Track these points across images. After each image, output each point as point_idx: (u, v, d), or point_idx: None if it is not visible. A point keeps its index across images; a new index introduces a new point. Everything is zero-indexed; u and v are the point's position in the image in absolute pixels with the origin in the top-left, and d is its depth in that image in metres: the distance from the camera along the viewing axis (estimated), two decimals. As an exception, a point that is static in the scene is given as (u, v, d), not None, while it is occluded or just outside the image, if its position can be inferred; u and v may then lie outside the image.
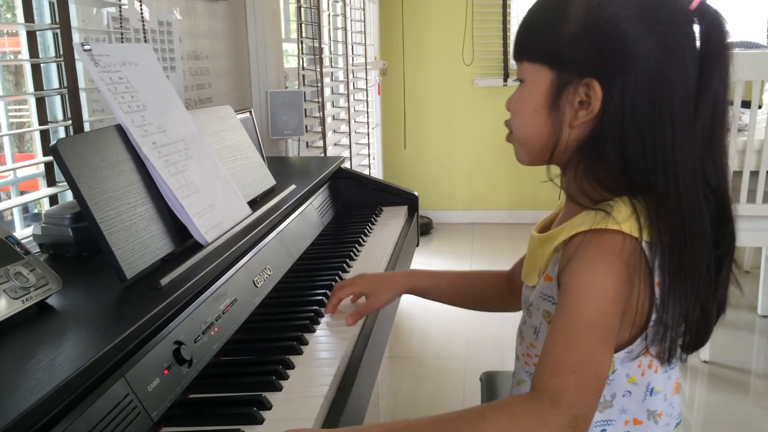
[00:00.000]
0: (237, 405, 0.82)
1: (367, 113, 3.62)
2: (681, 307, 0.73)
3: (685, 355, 0.79)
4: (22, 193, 1.30)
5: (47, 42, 1.29)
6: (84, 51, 1.00)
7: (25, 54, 1.24)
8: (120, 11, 1.39)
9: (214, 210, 1.10)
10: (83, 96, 1.30)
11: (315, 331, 1.05)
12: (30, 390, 0.62)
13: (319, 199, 1.61)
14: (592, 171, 0.77)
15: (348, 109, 3.16)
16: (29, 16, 1.23)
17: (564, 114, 0.77)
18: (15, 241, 0.82)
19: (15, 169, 1.27)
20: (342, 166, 1.83)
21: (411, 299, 1.14)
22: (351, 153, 3.12)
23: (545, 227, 0.87)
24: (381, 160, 4.38)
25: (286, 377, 0.89)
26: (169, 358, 0.81)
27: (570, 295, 0.72)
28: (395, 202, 1.82)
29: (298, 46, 2.40)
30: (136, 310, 0.80)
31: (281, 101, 2.06)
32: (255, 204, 1.27)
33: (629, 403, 0.79)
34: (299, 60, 2.40)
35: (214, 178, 1.15)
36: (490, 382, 1.28)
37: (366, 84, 3.74)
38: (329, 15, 2.94)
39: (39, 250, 1.03)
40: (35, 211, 1.42)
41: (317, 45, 2.49)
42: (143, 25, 1.46)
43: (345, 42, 3.18)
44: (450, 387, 2.43)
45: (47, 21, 1.29)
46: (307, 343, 1.00)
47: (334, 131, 3.06)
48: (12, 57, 1.49)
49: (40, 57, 1.26)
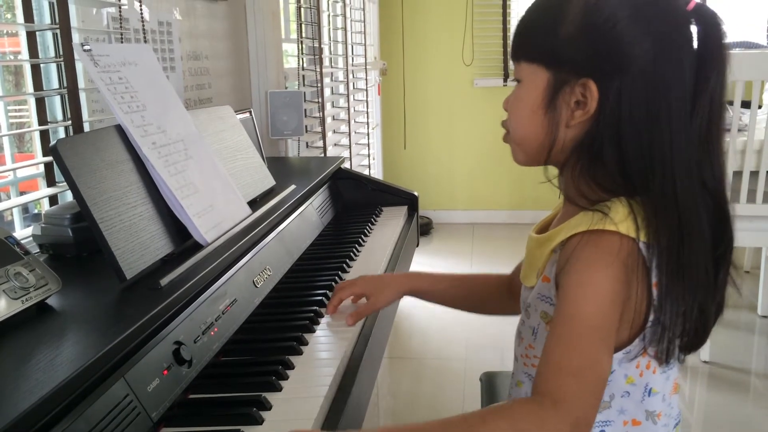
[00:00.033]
0: (237, 405, 0.81)
1: (367, 113, 3.62)
2: (679, 308, 0.73)
3: (683, 356, 0.79)
4: (21, 194, 1.30)
5: (47, 42, 1.29)
6: (84, 51, 1.00)
7: (25, 54, 1.24)
8: (120, 11, 1.39)
9: (213, 210, 1.10)
10: (83, 96, 1.30)
11: (315, 332, 1.05)
12: (30, 390, 0.62)
13: (319, 200, 1.61)
14: (589, 171, 0.77)
15: (348, 110, 3.16)
16: (29, 16, 1.23)
17: (560, 114, 0.77)
18: (15, 242, 0.82)
19: (15, 170, 1.27)
20: (342, 166, 1.83)
21: (411, 299, 1.14)
22: (351, 153, 3.12)
23: (543, 228, 0.87)
24: (381, 160, 4.38)
25: (285, 377, 0.89)
26: (169, 358, 0.81)
27: (568, 297, 0.72)
28: (395, 202, 1.82)
29: (297, 46, 2.40)
30: (135, 310, 0.80)
31: (281, 101, 2.06)
32: (255, 204, 1.27)
33: (628, 404, 0.78)
34: (299, 60, 2.40)
35: (213, 178, 1.15)
36: (490, 382, 1.28)
37: (366, 84, 3.74)
38: (329, 15, 2.94)
39: (39, 250, 1.03)
40: (35, 212, 1.42)
41: (317, 45, 2.49)
42: (143, 26, 1.46)
43: (345, 42, 3.18)
44: (450, 387, 2.43)
45: (47, 21, 1.29)
46: (307, 344, 1.00)
47: (333, 131, 3.06)
48: (12, 57, 1.49)
49: (39, 57, 1.26)
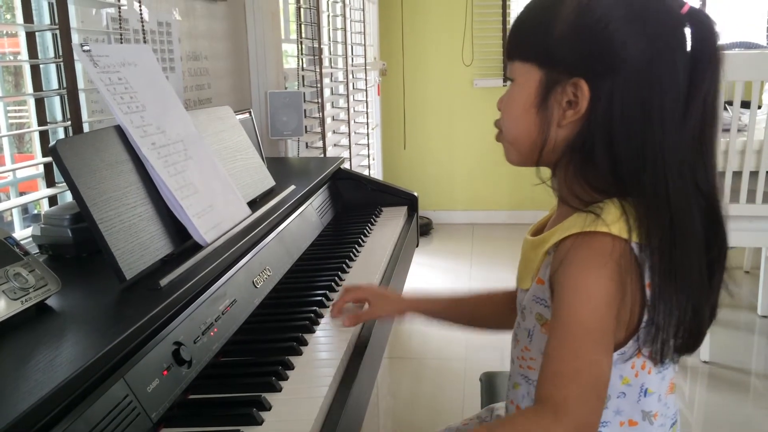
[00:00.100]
0: (236, 406, 0.81)
1: (367, 114, 3.62)
2: (672, 308, 0.73)
3: (678, 357, 0.78)
4: (21, 194, 1.30)
5: (46, 43, 1.29)
6: (83, 52, 1.00)
7: (25, 55, 1.24)
8: (119, 12, 1.39)
9: (213, 210, 1.10)
10: (82, 97, 1.30)
11: (314, 332, 1.05)
12: (29, 391, 0.62)
13: (319, 200, 1.61)
14: (581, 172, 0.77)
15: (348, 110, 3.16)
16: (28, 16, 1.23)
17: (552, 113, 0.77)
18: (14, 242, 0.82)
19: (14, 170, 1.27)
20: (342, 166, 1.83)
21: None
22: (351, 153, 3.12)
23: (539, 230, 0.87)
24: (381, 160, 4.38)
25: (285, 378, 0.89)
26: (169, 358, 0.81)
27: (563, 302, 0.73)
28: (395, 202, 1.82)
29: (297, 46, 2.40)
30: (135, 310, 0.80)
31: (281, 102, 2.06)
32: (254, 204, 1.27)
33: (624, 405, 0.79)
34: (299, 60, 2.40)
35: (213, 178, 1.15)
36: (489, 382, 1.28)
37: (366, 84, 3.74)
38: (329, 15, 2.94)
39: (38, 250, 1.03)
40: (34, 212, 1.42)
41: (317, 45, 2.49)
42: (142, 26, 1.46)
43: (344, 42, 3.18)
44: (450, 387, 2.43)
45: (46, 22, 1.29)
46: (307, 344, 1.00)
47: (333, 132, 3.06)
48: (11, 58, 1.49)
49: (39, 58, 1.26)
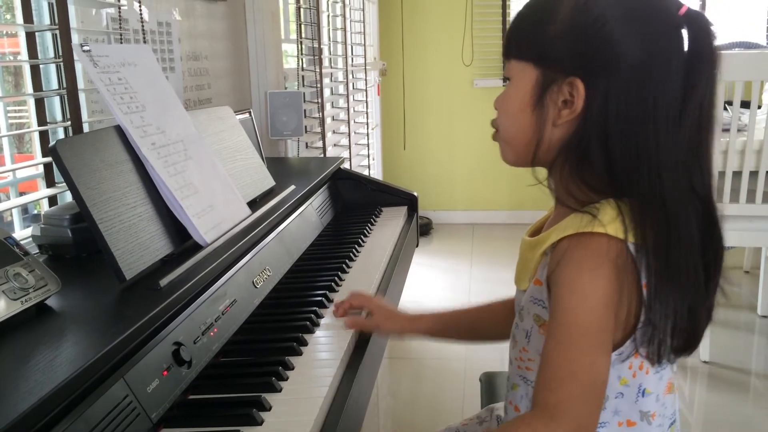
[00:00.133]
0: (236, 406, 0.81)
1: (367, 114, 3.62)
2: (668, 308, 0.73)
3: (675, 357, 0.78)
4: (21, 194, 1.30)
5: (46, 43, 1.29)
6: (83, 52, 1.00)
7: (25, 55, 1.24)
8: (119, 12, 1.39)
9: (213, 211, 1.10)
10: (82, 97, 1.30)
11: (314, 332, 1.05)
12: (29, 391, 0.62)
13: (319, 200, 1.61)
14: (577, 172, 0.77)
15: (347, 110, 3.16)
16: (28, 17, 1.23)
17: (547, 112, 0.77)
18: (14, 242, 0.82)
19: (14, 170, 1.27)
20: (341, 166, 1.83)
21: (410, 298, 1.14)
22: (350, 154, 3.12)
23: (537, 230, 0.87)
24: (380, 160, 4.38)
25: (285, 378, 0.89)
26: (169, 359, 0.81)
27: (560, 303, 0.73)
28: (395, 202, 1.82)
29: (297, 46, 2.40)
30: (135, 311, 0.80)
31: (281, 102, 2.06)
32: (254, 205, 1.27)
33: (622, 405, 0.79)
34: (299, 61, 2.40)
35: (213, 178, 1.15)
36: (489, 382, 1.28)
37: (365, 84, 3.74)
38: (328, 15, 2.94)
39: (38, 251, 1.03)
40: (34, 212, 1.42)
41: (317, 46, 2.49)
42: (142, 26, 1.46)
43: (344, 43, 3.18)
44: (450, 387, 2.43)
45: (46, 22, 1.29)
46: (307, 344, 1.00)
47: (333, 132, 3.06)
48: (11, 58, 1.49)
49: (39, 58, 1.26)
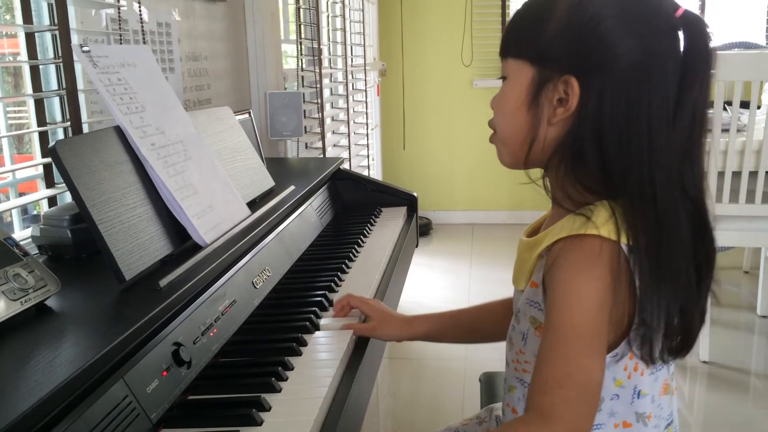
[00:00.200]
0: (236, 406, 0.81)
1: (366, 114, 3.63)
2: (660, 309, 0.73)
3: (671, 358, 0.79)
4: (21, 195, 1.30)
5: (46, 43, 1.29)
6: (83, 52, 1.00)
7: (24, 55, 1.24)
8: (119, 12, 1.39)
9: (213, 211, 1.10)
10: (82, 97, 1.30)
11: (314, 333, 1.05)
12: (29, 391, 0.62)
13: (318, 200, 1.61)
14: (573, 172, 0.77)
15: (347, 110, 3.16)
16: (28, 17, 1.23)
17: (542, 110, 0.77)
18: (14, 243, 0.82)
19: (14, 171, 1.27)
20: (341, 167, 1.83)
21: (410, 298, 1.14)
22: (350, 154, 3.12)
23: (535, 230, 0.87)
24: (380, 160, 4.38)
25: (285, 378, 0.89)
26: (168, 359, 0.81)
27: (554, 306, 0.73)
28: (394, 202, 1.82)
29: (297, 47, 2.40)
30: (135, 311, 0.80)
31: (280, 102, 2.06)
32: (254, 205, 1.27)
33: (617, 407, 0.79)
34: (298, 61, 2.40)
35: (213, 179, 1.15)
36: (489, 382, 1.28)
37: (365, 85, 3.74)
38: (328, 16, 2.94)
39: (38, 251, 1.03)
40: (34, 213, 1.42)
41: (316, 46, 2.49)
42: (142, 27, 1.46)
43: (344, 43, 3.19)
44: (450, 387, 2.43)
45: (46, 22, 1.29)
46: (306, 345, 1.00)
47: (333, 132, 3.06)
48: (11, 58, 1.49)
49: (38, 58, 1.26)
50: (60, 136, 1.33)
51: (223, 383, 0.89)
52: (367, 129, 3.61)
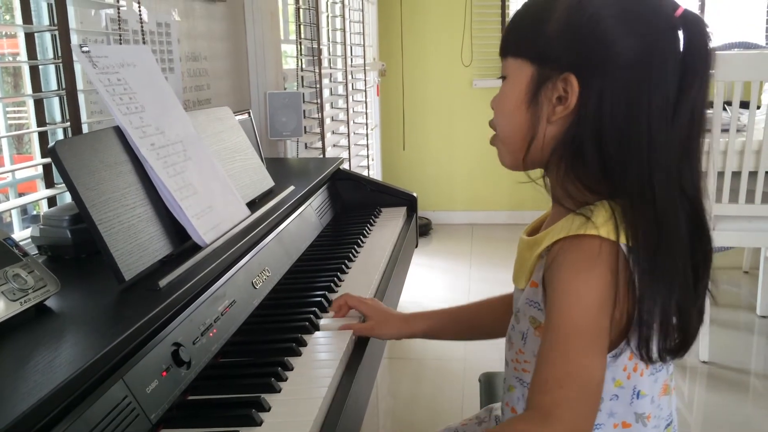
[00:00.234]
0: (235, 407, 0.81)
1: (366, 114, 3.63)
2: (657, 308, 0.73)
3: (669, 359, 0.79)
4: (20, 195, 1.30)
5: (45, 44, 1.29)
6: (82, 52, 1.00)
7: (24, 56, 1.24)
8: (118, 13, 1.39)
9: (212, 211, 1.10)
10: (81, 97, 1.30)
11: (314, 333, 1.05)
12: (28, 392, 0.62)
13: (318, 200, 1.61)
14: (573, 171, 0.77)
15: (347, 111, 3.16)
16: (27, 17, 1.23)
17: (542, 109, 0.77)
18: (13, 243, 0.82)
19: (13, 171, 1.27)
20: (341, 167, 1.83)
21: (410, 298, 1.14)
22: (350, 154, 3.12)
23: (535, 229, 0.87)
24: (380, 161, 4.38)
25: (284, 379, 0.89)
26: (168, 359, 0.81)
27: (554, 306, 0.73)
28: (394, 203, 1.82)
29: (296, 47, 2.40)
30: (134, 311, 0.80)
31: (280, 102, 2.06)
32: (254, 205, 1.27)
33: (617, 407, 0.79)
34: (298, 61, 2.40)
35: (212, 179, 1.15)
36: (489, 382, 1.28)
37: (365, 85, 3.74)
38: (328, 16, 2.94)
39: (37, 251, 1.03)
40: (34, 213, 1.42)
41: (316, 46, 2.49)
42: (142, 27, 1.46)
43: (344, 43, 3.18)
44: (449, 388, 2.43)
45: (45, 23, 1.29)
46: (306, 345, 1.00)
47: (333, 132, 3.06)
48: (10, 59, 1.49)
49: (38, 59, 1.26)
50: (59, 136, 1.33)
51: (223, 383, 0.89)
52: (367, 129, 3.60)
